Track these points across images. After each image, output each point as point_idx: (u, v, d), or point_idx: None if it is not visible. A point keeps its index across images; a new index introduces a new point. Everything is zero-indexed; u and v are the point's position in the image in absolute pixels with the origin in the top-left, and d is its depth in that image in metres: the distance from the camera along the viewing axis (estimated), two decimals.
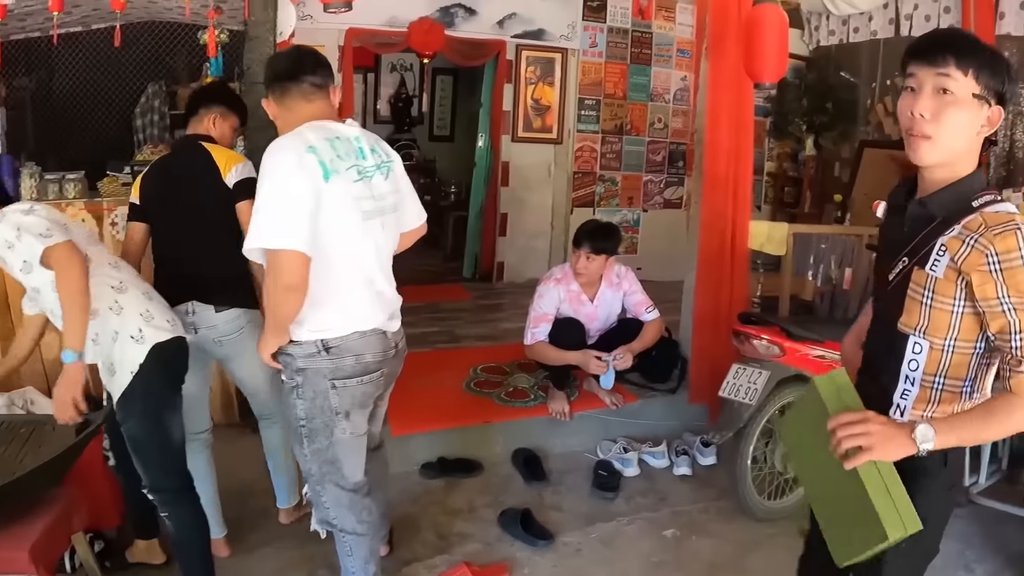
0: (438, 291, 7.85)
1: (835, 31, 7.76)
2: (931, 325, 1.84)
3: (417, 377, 5.08)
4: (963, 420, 1.78)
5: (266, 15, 4.23)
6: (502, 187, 8.00)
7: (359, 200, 2.58)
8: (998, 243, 1.71)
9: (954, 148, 1.80)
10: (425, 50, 7.31)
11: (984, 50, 1.79)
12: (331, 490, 2.77)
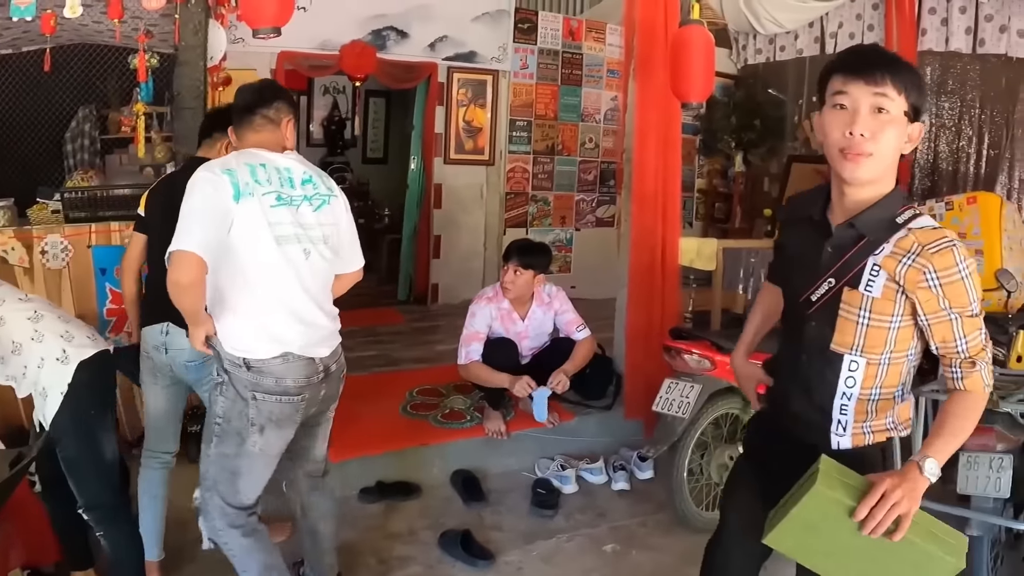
0: (373, 315, 7.81)
1: (762, 50, 7.97)
2: (868, 342, 1.89)
3: (354, 401, 5.05)
4: (945, 435, 1.83)
5: (196, 39, 4.22)
6: (435, 209, 8.02)
7: (273, 225, 2.64)
8: (936, 261, 1.79)
9: (887, 164, 1.87)
10: (357, 73, 7.31)
11: (911, 68, 1.87)
12: (216, 501, 2.75)
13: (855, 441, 1.97)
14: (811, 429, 2.01)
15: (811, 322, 1.98)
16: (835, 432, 1.98)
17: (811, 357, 2.00)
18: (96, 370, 2.85)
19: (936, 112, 6.64)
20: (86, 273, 4.04)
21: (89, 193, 4.25)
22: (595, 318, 4.99)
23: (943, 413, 1.88)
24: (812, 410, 2.00)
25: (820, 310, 1.95)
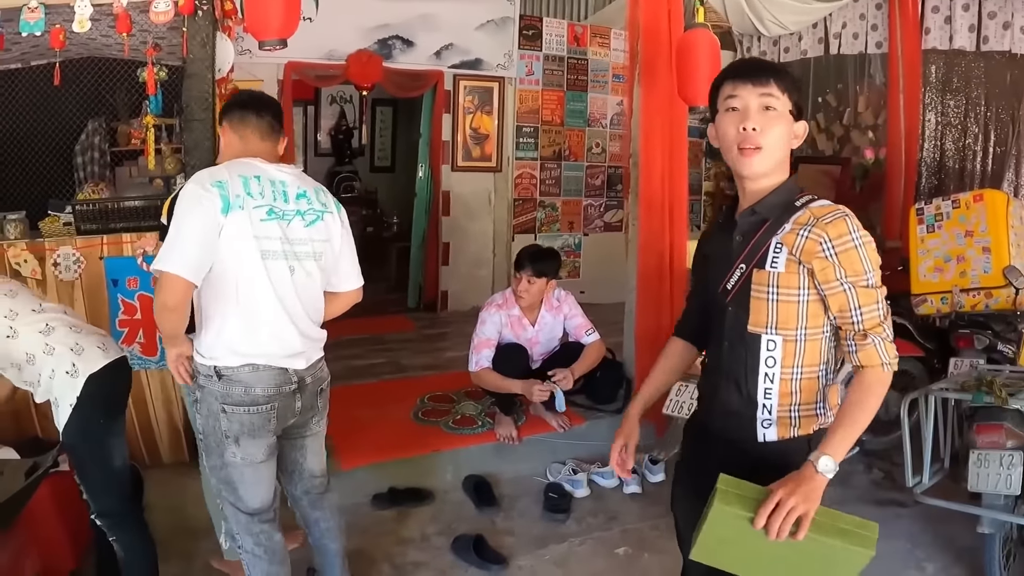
0: (382, 322, 7.84)
1: (766, 52, 7.97)
2: (780, 319, 1.97)
3: (365, 409, 5.12)
4: (842, 427, 1.89)
5: (204, 52, 4.24)
6: (443, 216, 8.04)
7: (261, 239, 2.63)
8: (830, 230, 1.90)
9: (777, 157, 1.99)
10: (364, 82, 7.35)
11: (789, 73, 2.06)
12: (229, 508, 2.81)
13: (780, 432, 2.02)
14: (739, 421, 2.07)
15: (729, 309, 2.06)
16: (761, 423, 2.03)
17: (732, 343, 2.07)
18: (106, 382, 2.89)
19: (941, 110, 6.65)
20: (98, 284, 4.07)
21: (100, 205, 4.28)
22: (604, 322, 5.00)
23: (843, 403, 1.95)
24: (738, 398, 2.06)
25: (735, 296, 2.04)
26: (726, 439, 2.10)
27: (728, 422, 2.10)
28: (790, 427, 2.02)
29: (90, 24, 3.74)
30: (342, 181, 10.04)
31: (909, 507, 4.01)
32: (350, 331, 7.20)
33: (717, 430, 2.14)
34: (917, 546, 3.89)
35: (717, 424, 2.15)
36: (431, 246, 8.12)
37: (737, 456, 2.02)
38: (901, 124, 6.65)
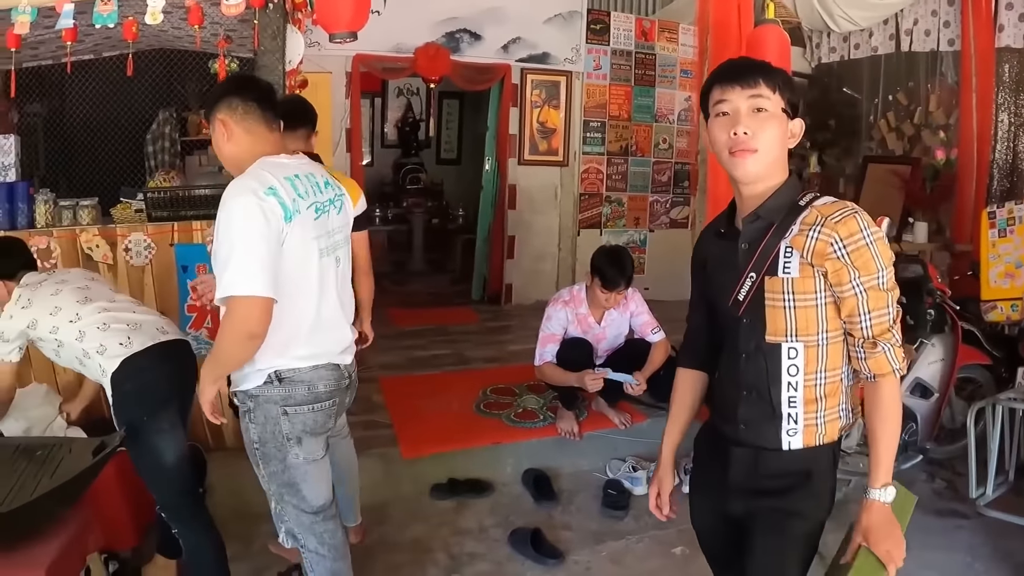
0: (446, 314, 7.90)
1: (836, 48, 7.83)
2: (799, 325, 1.91)
3: (427, 399, 5.15)
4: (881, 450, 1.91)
5: (275, 44, 4.29)
6: (509, 210, 8.05)
7: (318, 239, 2.58)
8: (840, 229, 1.84)
9: (772, 158, 1.92)
10: (431, 75, 7.39)
11: (781, 70, 1.97)
12: (291, 511, 2.76)
13: (807, 439, 1.97)
14: (761, 430, 2.00)
15: (743, 320, 1.98)
16: (787, 431, 1.97)
17: (749, 355, 2.00)
18: (133, 377, 2.88)
19: (1015, 111, 6.44)
20: (168, 270, 4.14)
21: (171, 193, 4.35)
22: (668, 319, 4.94)
23: (870, 424, 1.93)
24: (761, 409, 1.99)
25: (749, 306, 1.96)
26: (747, 447, 2.03)
27: (750, 432, 2.03)
28: (816, 434, 1.97)
29: (162, 16, 3.79)
30: (408, 173, 10.10)
31: (970, 519, 3.90)
32: (414, 321, 7.28)
33: (736, 439, 2.06)
34: (976, 559, 3.76)
35: (736, 434, 2.06)
36: (496, 239, 8.14)
37: (760, 465, 2.00)
38: (973, 124, 6.46)
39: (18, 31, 3.69)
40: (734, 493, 2.05)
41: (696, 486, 2.30)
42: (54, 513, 2.72)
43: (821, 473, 1.97)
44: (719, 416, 2.14)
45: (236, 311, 2.37)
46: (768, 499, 1.99)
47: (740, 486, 2.03)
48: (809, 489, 1.97)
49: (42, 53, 5.20)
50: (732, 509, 2.07)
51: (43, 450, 2.92)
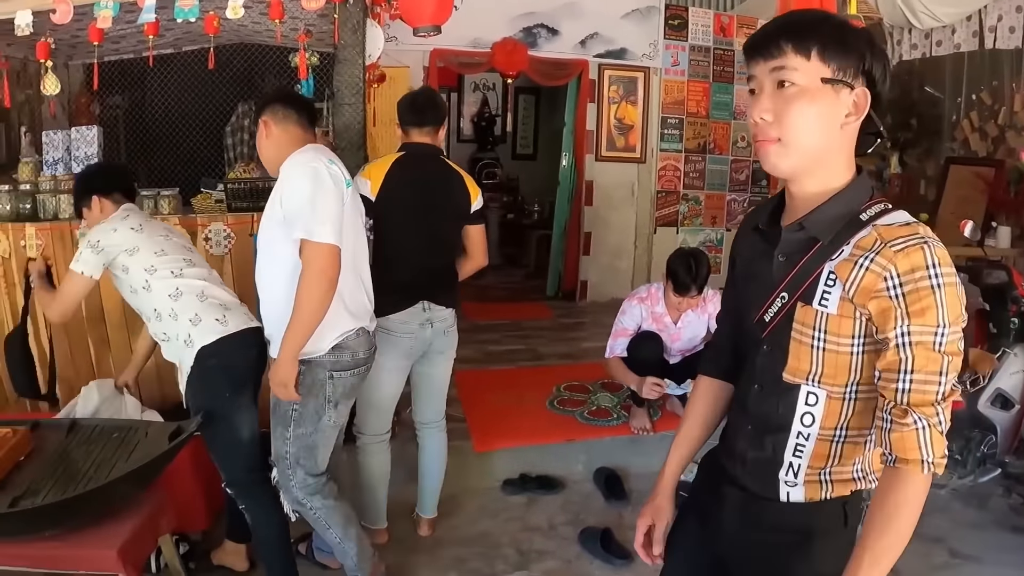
0: (520, 309, 7.89)
1: (917, 45, 7.58)
2: (826, 370, 1.52)
3: (500, 394, 5.15)
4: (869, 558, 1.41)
5: (355, 38, 4.31)
6: (586, 206, 8.01)
7: (359, 213, 2.96)
8: (900, 261, 1.40)
9: (810, 148, 1.48)
10: (509, 70, 7.39)
11: (830, 25, 1.48)
12: (300, 475, 2.97)
13: (809, 493, 1.60)
14: (757, 474, 1.66)
15: (763, 346, 1.62)
16: (784, 479, 1.61)
17: (764, 387, 1.63)
18: (223, 354, 2.93)
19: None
20: (246, 260, 4.18)
21: (251, 184, 4.41)
22: None
23: (869, 515, 1.46)
24: (759, 449, 1.64)
25: (773, 331, 1.58)
26: (741, 489, 1.69)
27: (746, 472, 1.68)
28: (820, 490, 1.59)
29: (243, 11, 3.85)
30: (484, 168, 10.13)
31: None
32: (488, 316, 7.28)
33: (733, 477, 1.72)
34: None
35: (735, 470, 1.72)
36: (572, 235, 8.10)
37: (753, 514, 1.67)
38: None
39: (100, 25, 3.78)
40: (727, 536, 1.72)
41: (689, 507, 1.91)
42: (129, 495, 2.78)
43: (827, 532, 1.58)
44: (724, 443, 1.81)
45: (316, 259, 2.64)
46: (760, 556, 1.66)
47: (731, 531, 1.71)
48: (809, 551, 1.58)
49: (123, 47, 5.32)
50: (721, 550, 1.75)
51: (119, 433, 2.99)
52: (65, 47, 4.98)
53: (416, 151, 3.46)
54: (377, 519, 3.65)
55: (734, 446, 1.71)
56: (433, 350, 3.51)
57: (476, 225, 3.62)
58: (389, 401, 3.51)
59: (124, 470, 2.71)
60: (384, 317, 3.30)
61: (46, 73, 4.07)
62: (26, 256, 3.91)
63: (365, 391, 3.38)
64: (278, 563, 3.08)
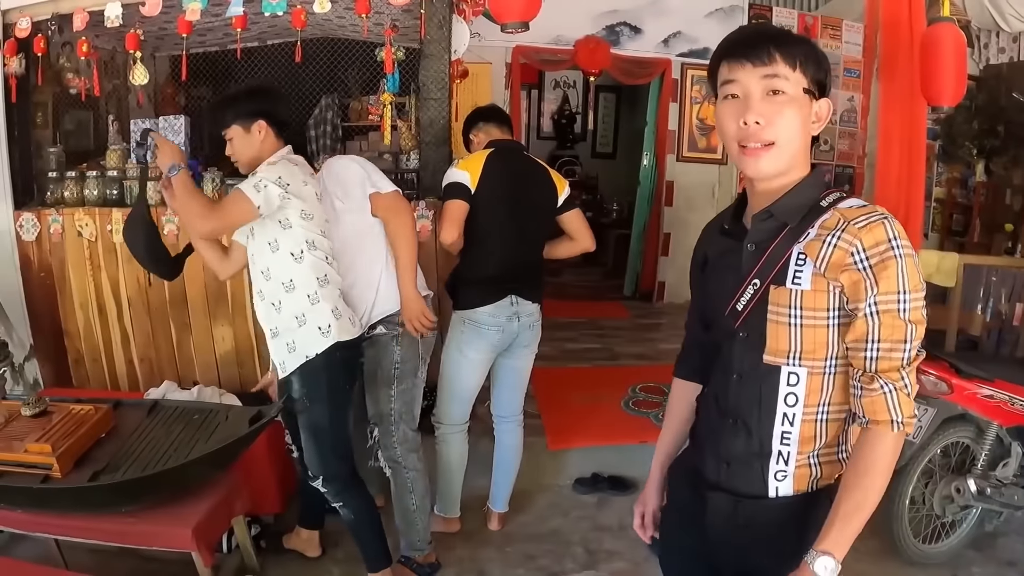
0: (598, 307, 7.86)
1: (1005, 48, 7.33)
2: (805, 347, 1.58)
3: (576, 392, 5.13)
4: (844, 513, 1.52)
5: (440, 34, 4.34)
6: (666, 206, 7.94)
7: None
8: (864, 236, 1.50)
9: (794, 152, 1.60)
10: (591, 68, 7.35)
11: (803, 40, 1.62)
12: (402, 429, 3.27)
13: (798, 484, 1.63)
14: (744, 472, 1.67)
15: (740, 333, 1.66)
16: (774, 473, 1.63)
17: (743, 376, 1.67)
18: (348, 353, 2.95)
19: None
20: None
21: None
22: None
23: (844, 477, 1.56)
24: (746, 444, 1.66)
25: (748, 318, 1.63)
26: (726, 492, 1.69)
27: (731, 472, 1.69)
28: (809, 479, 1.63)
29: (330, 5, 3.89)
30: (563, 165, 10.11)
31: None
32: (564, 313, 7.26)
33: (715, 482, 1.72)
34: None
35: (717, 474, 1.72)
36: (651, 235, 8.05)
37: (741, 516, 1.67)
38: None
39: (189, 18, 3.86)
40: (713, 545, 1.73)
41: (668, 527, 1.95)
42: (206, 476, 2.83)
43: (819, 523, 1.57)
44: (698, 448, 1.82)
45: (402, 205, 3.16)
46: (752, 555, 1.68)
47: (719, 538, 1.72)
48: (804, 544, 1.56)
49: (209, 40, 5.43)
50: (712, 561, 1.76)
51: (200, 415, 3.04)
52: (152, 39, 5.10)
53: (505, 146, 3.50)
54: (451, 507, 3.69)
55: (714, 449, 1.73)
56: (517, 343, 3.53)
57: (572, 211, 3.63)
58: (471, 392, 3.53)
59: (202, 451, 2.76)
60: (472, 309, 3.39)
61: (135, 63, 4.16)
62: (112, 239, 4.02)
63: (447, 381, 3.49)
64: (376, 541, 3.14)
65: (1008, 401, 3.47)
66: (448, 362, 3.50)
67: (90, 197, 4.14)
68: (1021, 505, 3.61)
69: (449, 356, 3.50)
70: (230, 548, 3.33)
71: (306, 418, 2.92)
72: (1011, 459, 3.62)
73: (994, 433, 3.56)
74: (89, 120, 5.48)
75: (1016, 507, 3.62)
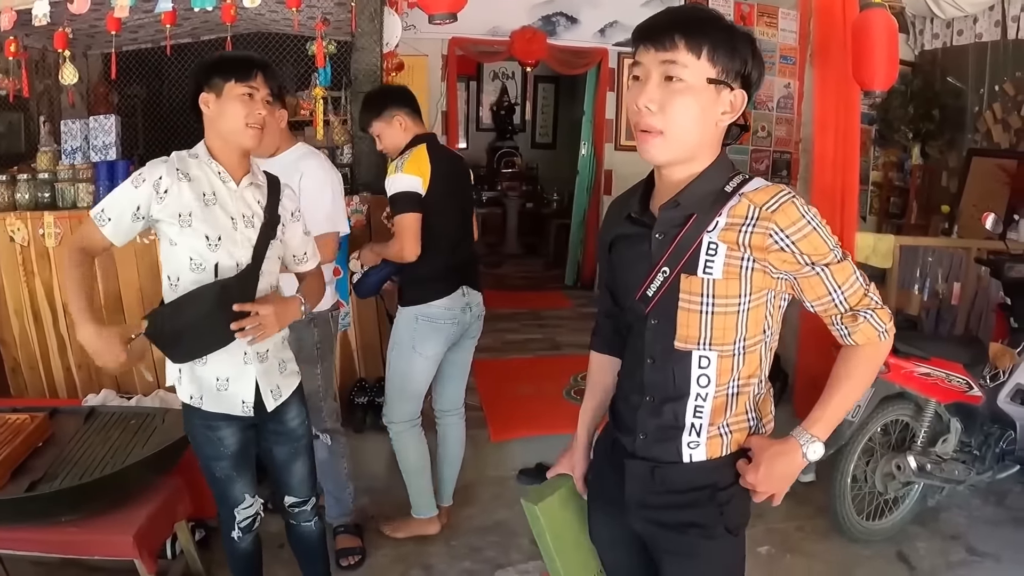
0: (539, 298, 7.89)
1: (939, 34, 7.48)
2: (715, 333, 1.62)
3: (518, 383, 5.16)
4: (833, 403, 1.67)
5: (372, 27, 4.32)
6: (605, 195, 7.98)
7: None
8: (779, 219, 1.55)
9: (689, 142, 1.59)
10: (527, 59, 7.35)
11: (721, 28, 1.57)
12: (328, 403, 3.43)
13: (711, 451, 1.69)
14: (659, 443, 1.72)
15: (651, 320, 1.68)
16: (687, 443, 1.68)
17: (656, 360, 1.70)
18: None
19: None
20: None
21: None
22: None
23: (832, 376, 1.69)
24: (660, 420, 1.70)
25: (657, 305, 1.66)
26: (643, 459, 1.74)
27: (647, 443, 1.74)
28: (721, 446, 1.69)
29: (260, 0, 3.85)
30: (503, 156, 10.13)
31: None
32: (506, 304, 7.28)
33: (632, 451, 1.77)
34: None
35: (633, 445, 1.76)
36: (591, 224, 8.08)
37: (658, 480, 1.72)
38: None
39: (118, 15, 3.81)
40: (633, 509, 1.78)
41: (593, 498, 1.97)
42: (145, 481, 2.81)
43: (729, 486, 1.69)
44: (616, 422, 1.86)
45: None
46: (670, 516, 1.73)
47: (638, 502, 1.76)
48: (715, 504, 1.69)
49: (141, 37, 5.36)
50: (634, 526, 1.80)
51: (137, 419, 3.01)
52: (83, 37, 5.01)
53: (433, 140, 3.46)
54: (427, 507, 3.65)
55: (631, 422, 1.77)
56: (467, 335, 3.56)
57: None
58: (424, 388, 3.53)
59: (140, 456, 2.74)
60: (427, 305, 3.35)
61: (64, 63, 4.10)
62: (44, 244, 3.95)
63: (400, 380, 3.46)
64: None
65: (945, 378, 3.58)
66: (400, 360, 3.44)
67: (21, 201, 4.05)
68: (962, 480, 3.73)
69: (401, 355, 3.43)
70: (174, 554, 3.30)
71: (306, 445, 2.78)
72: (950, 435, 3.74)
73: (932, 410, 3.67)
74: (20, 122, 5.38)
75: (957, 482, 3.74)
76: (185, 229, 2.30)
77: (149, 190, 2.28)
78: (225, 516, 2.59)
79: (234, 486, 2.53)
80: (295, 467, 2.68)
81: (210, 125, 2.43)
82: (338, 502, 3.55)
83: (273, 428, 2.58)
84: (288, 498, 2.72)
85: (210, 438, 2.45)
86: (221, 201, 2.36)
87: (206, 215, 2.32)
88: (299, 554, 2.87)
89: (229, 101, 2.35)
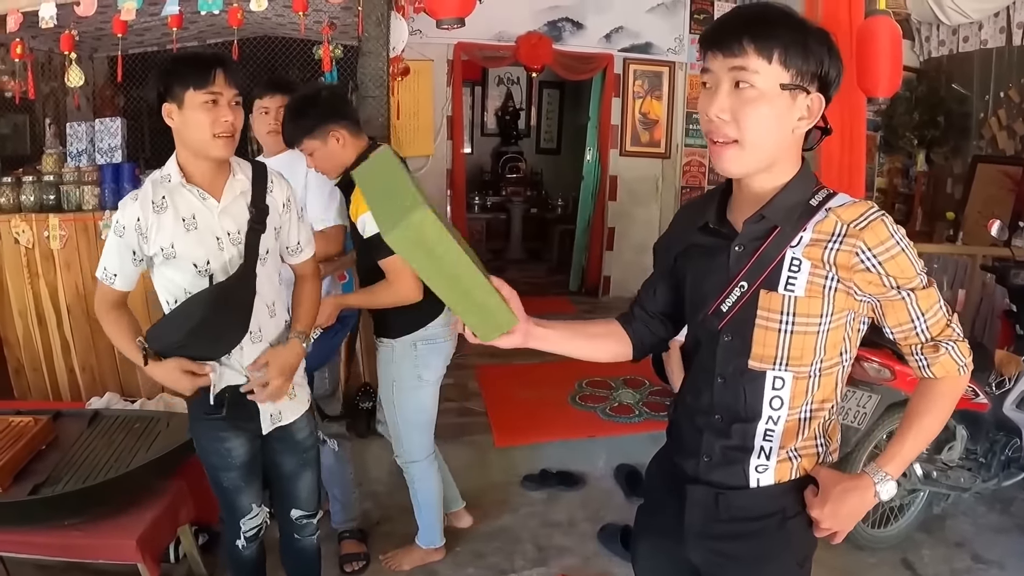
0: (543, 303, 7.86)
1: (945, 41, 7.46)
2: (792, 353, 1.56)
3: (522, 389, 5.14)
4: (910, 439, 1.61)
5: (379, 31, 4.32)
6: (610, 201, 7.97)
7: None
8: (868, 238, 1.47)
9: (765, 152, 1.50)
10: (533, 64, 7.35)
11: (792, 27, 1.46)
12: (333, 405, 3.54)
13: (779, 474, 1.62)
14: (726, 467, 1.65)
15: (724, 336, 1.61)
16: (755, 467, 1.62)
17: (727, 380, 1.63)
18: None
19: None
20: None
21: None
22: None
23: (908, 411, 1.63)
24: (728, 443, 1.64)
25: (732, 321, 1.59)
26: (706, 485, 1.67)
27: (711, 466, 1.66)
28: (790, 470, 1.63)
29: (267, 3, 3.85)
30: (508, 162, 10.14)
31: None
32: None
33: (695, 475, 1.69)
34: None
35: (696, 469, 1.69)
36: (596, 230, 8.08)
37: (722, 507, 1.65)
38: None
39: (124, 18, 3.80)
40: (692, 539, 1.70)
41: (644, 528, 1.89)
42: (148, 485, 2.80)
43: (797, 512, 1.63)
44: (677, 447, 1.77)
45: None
46: (735, 547, 1.66)
47: (699, 531, 1.69)
48: (784, 531, 1.64)
49: (148, 40, 5.35)
50: (691, 558, 1.73)
51: (141, 423, 3.01)
52: (90, 40, 5.02)
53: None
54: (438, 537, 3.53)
55: (695, 444, 1.69)
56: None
57: None
58: (435, 414, 3.35)
59: (144, 460, 2.73)
60: (424, 328, 3.16)
61: (70, 65, 4.10)
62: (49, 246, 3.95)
63: (411, 415, 3.26)
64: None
65: None
66: (407, 396, 3.23)
67: (26, 203, 4.07)
68: (967, 487, 3.72)
69: (406, 389, 3.22)
70: (177, 558, 3.28)
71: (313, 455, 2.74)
72: (956, 442, 3.72)
73: None
74: (25, 124, 5.39)
75: (962, 489, 3.72)
76: (170, 261, 2.26)
77: (133, 234, 2.24)
78: (230, 525, 2.58)
79: (241, 496, 2.52)
80: (303, 479, 2.65)
81: (177, 137, 2.28)
82: (344, 507, 3.56)
83: (280, 440, 2.55)
84: (295, 511, 2.68)
85: (218, 448, 2.43)
86: (203, 222, 2.29)
87: (188, 241, 2.26)
88: (295, 570, 2.84)
89: (191, 111, 2.20)
